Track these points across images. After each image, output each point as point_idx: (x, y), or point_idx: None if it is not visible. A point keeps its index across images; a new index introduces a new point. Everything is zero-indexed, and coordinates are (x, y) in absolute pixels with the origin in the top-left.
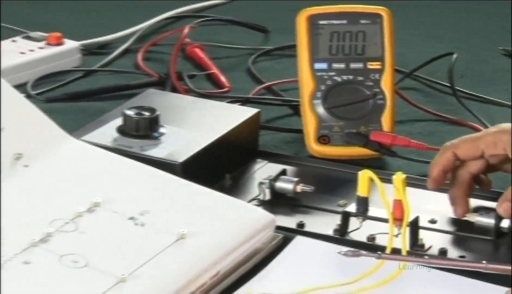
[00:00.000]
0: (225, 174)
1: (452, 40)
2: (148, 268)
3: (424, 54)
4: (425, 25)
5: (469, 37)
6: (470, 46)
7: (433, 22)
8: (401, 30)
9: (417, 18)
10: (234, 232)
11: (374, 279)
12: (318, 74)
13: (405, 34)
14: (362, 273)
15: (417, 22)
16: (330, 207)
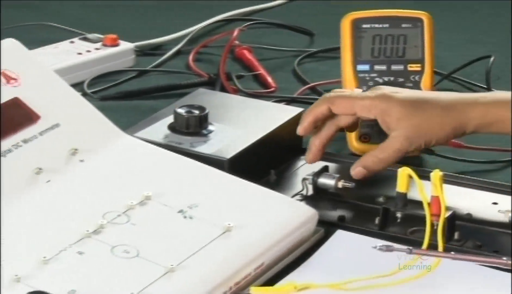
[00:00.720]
0: (270, 170)
1: (490, 43)
2: (196, 259)
3: (462, 57)
4: (463, 29)
5: (507, 40)
6: (506, 48)
7: (471, 26)
8: (440, 33)
9: (456, 22)
10: (278, 226)
11: (412, 272)
12: (361, 75)
13: (444, 37)
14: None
15: (456, 26)
16: (370, 202)
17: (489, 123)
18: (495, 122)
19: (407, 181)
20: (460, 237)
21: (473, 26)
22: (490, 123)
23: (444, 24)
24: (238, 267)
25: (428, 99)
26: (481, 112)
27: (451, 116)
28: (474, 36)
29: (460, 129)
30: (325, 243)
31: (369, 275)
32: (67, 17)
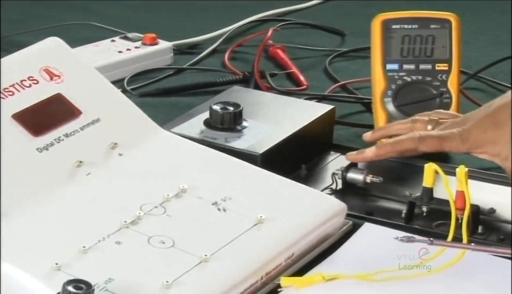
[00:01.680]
0: (301, 164)
1: None
2: (229, 250)
3: (487, 57)
4: (489, 29)
5: None
6: None
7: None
8: (467, 34)
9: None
10: (308, 218)
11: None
12: (390, 74)
13: (471, 38)
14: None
15: (482, 26)
16: (397, 196)
17: None
18: None
19: (433, 176)
20: (483, 231)
21: (499, 27)
22: None
23: (471, 25)
24: (269, 258)
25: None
26: None
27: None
28: (500, 36)
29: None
30: (353, 235)
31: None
32: (108, 17)
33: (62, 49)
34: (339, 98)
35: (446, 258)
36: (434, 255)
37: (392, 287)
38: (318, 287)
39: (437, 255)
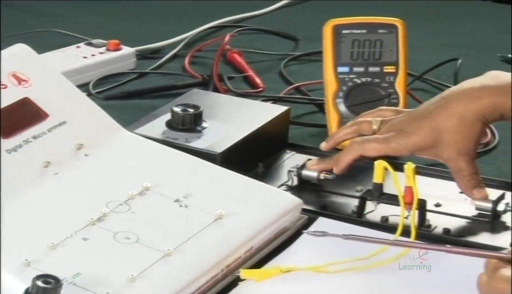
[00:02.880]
0: (258, 163)
1: (457, 47)
2: (191, 244)
3: (432, 60)
4: (435, 33)
5: (472, 44)
6: (473, 52)
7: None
8: (414, 38)
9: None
10: (265, 214)
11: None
12: (341, 77)
13: (418, 42)
14: (376, 250)
15: (428, 31)
16: (349, 192)
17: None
18: None
19: (383, 172)
20: (430, 223)
21: (445, 31)
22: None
23: (418, 29)
24: (229, 251)
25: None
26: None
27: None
28: (445, 40)
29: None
30: (308, 228)
31: (347, 258)
32: (73, 23)
33: (29, 55)
34: (293, 99)
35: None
36: (380, 250)
37: (344, 277)
38: (275, 279)
39: (383, 250)
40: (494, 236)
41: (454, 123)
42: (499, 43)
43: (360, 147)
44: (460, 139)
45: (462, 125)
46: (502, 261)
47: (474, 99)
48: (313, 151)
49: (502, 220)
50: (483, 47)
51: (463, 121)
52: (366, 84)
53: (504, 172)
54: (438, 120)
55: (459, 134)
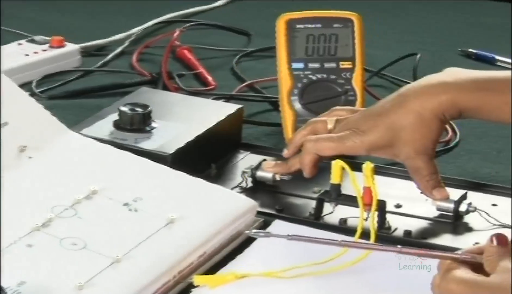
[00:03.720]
0: (211, 163)
1: (416, 42)
2: (141, 250)
3: (390, 55)
4: (391, 28)
5: (432, 39)
6: (432, 47)
7: (399, 25)
8: (371, 33)
9: (387, 22)
10: (218, 217)
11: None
12: (295, 73)
13: (375, 37)
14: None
15: (386, 26)
16: (306, 193)
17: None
18: None
19: (340, 173)
20: (390, 225)
21: (402, 26)
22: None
23: (375, 23)
24: (181, 257)
25: (396, 113)
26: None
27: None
28: (403, 35)
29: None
30: None
31: (305, 263)
32: (14, 20)
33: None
34: (246, 97)
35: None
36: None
37: (301, 283)
38: (230, 285)
39: (344, 252)
40: (456, 238)
41: (411, 120)
42: (459, 37)
43: (313, 146)
44: (417, 138)
45: (420, 123)
46: (456, 261)
47: (432, 96)
48: (268, 151)
49: (465, 221)
50: (443, 42)
51: (421, 119)
52: (322, 81)
53: (466, 171)
54: (395, 118)
55: (416, 132)
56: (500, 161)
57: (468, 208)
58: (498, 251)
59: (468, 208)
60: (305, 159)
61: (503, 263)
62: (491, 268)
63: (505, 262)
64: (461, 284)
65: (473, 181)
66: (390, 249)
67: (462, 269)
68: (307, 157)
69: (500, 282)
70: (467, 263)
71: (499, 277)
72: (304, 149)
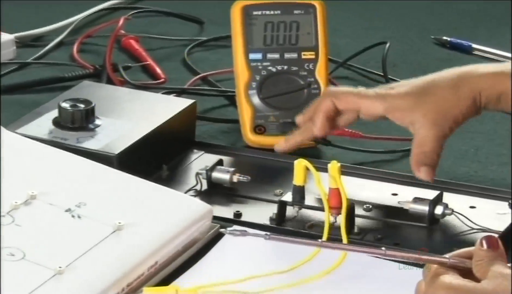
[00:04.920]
0: (162, 165)
1: (385, 29)
2: (86, 260)
3: (357, 44)
4: (358, 15)
5: (402, 26)
6: (403, 35)
7: (366, 12)
8: (336, 20)
9: (351, 8)
10: (171, 223)
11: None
12: (253, 65)
13: (340, 24)
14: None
15: (350, 12)
16: (267, 196)
17: (497, 95)
18: (503, 94)
19: (304, 173)
20: (360, 230)
21: (366, 12)
22: (498, 94)
23: (340, 10)
24: (130, 267)
25: (433, 81)
26: (489, 82)
27: (462, 90)
28: (371, 22)
29: (475, 103)
30: (221, 239)
31: (267, 272)
32: None
33: None
34: (200, 91)
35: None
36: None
37: None
38: None
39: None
40: (432, 243)
41: (445, 88)
42: (431, 24)
43: (333, 91)
44: (442, 109)
45: (452, 93)
46: (443, 266)
47: (474, 70)
48: (225, 150)
49: (441, 225)
50: (414, 29)
51: (455, 89)
52: (282, 73)
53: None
54: (429, 81)
55: (445, 102)
56: (479, 159)
57: (444, 210)
58: (488, 255)
59: (444, 210)
60: (320, 107)
61: (495, 268)
62: (482, 273)
63: (496, 266)
64: (451, 290)
65: (450, 181)
66: (374, 251)
67: (450, 275)
68: (323, 104)
69: (493, 288)
70: (455, 268)
71: (492, 282)
72: (322, 95)
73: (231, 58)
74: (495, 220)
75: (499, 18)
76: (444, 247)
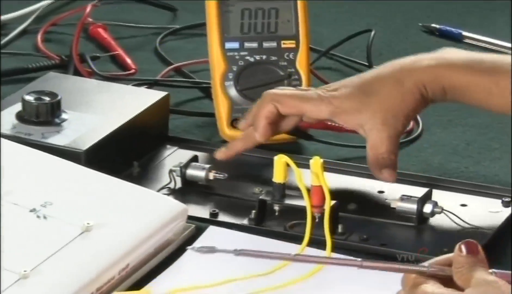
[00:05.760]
0: (133, 161)
1: (371, 16)
2: (52, 263)
3: (341, 32)
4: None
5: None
6: (390, 22)
7: None
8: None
9: None
10: (143, 223)
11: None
12: (229, 54)
13: (321, 10)
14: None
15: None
16: (245, 195)
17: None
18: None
19: (284, 170)
20: (344, 230)
21: None
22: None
23: None
24: (99, 271)
25: (377, 78)
26: (432, 75)
27: (407, 86)
28: (354, 8)
29: (423, 96)
30: (196, 240)
31: (245, 275)
32: None
33: None
34: (173, 83)
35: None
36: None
37: None
38: None
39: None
40: (421, 244)
41: (388, 86)
42: (419, 11)
43: (274, 95)
44: (390, 107)
45: (397, 90)
46: (423, 275)
47: (415, 64)
48: (200, 146)
49: (430, 224)
50: (401, 16)
51: (398, 86)
52: (261, 63)
53: (431, 166)
54: (370, 81)
55: (391, 100)
56: (470, 154)
57: (434, 209)
58: (468, 261)
59: (433, 209)
60: (261, 111)
61: (478, 275)
62: (464, 281)
63: (479, 273)
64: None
65: (439, 177)
66: (349, 263)
67: (431, 284)
68: (264, 109)
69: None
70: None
71: (476, 291)
72: (262, 99)
73: (206, 47)
74: (487, 218)
75: (491, 4)
76: (433, 248)
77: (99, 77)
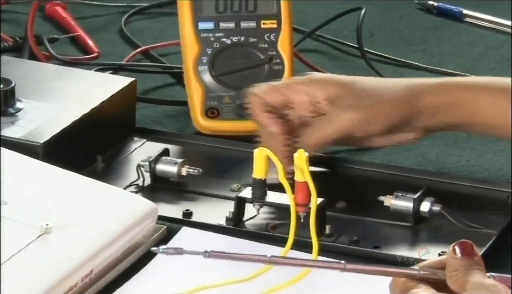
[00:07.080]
0: (96, 156)
1: None
2: (8, 268)
3: (327, 10)
4: None
5: None
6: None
7: None
8: None
9: None
10: (108, 224)
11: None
12: (203, 36)
13: None
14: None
15: None
16: (222, 192)
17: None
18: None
19: (265, 164)
20: (332, 231)
21: None
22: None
23: None
24: (60, 277)
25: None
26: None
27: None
28: None
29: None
30: (168, 243)
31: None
32: None
33: None
34: (140, 68)
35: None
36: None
37: None
38: None
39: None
40: (416, 246)
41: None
42: None
43: None
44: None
45: None
46: (412, 279)
47: None
48: (171, 138)
49: (427, 224)
50: None
51: None
52: (239, 46)
53: (428, 160)
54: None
55: None
56: (471, 146)
57: (432, 207)
58: (463, 264)
59: (431, 207)
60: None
61: (474, 279)
62: (458, 285)
63: (475, 276)
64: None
65: (438, 172)
66: (331, 267)
67: (423, 289)
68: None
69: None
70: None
71: None
72: None
73: (177, 28)
74: (491, 217)
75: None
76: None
77: (58, 62)
